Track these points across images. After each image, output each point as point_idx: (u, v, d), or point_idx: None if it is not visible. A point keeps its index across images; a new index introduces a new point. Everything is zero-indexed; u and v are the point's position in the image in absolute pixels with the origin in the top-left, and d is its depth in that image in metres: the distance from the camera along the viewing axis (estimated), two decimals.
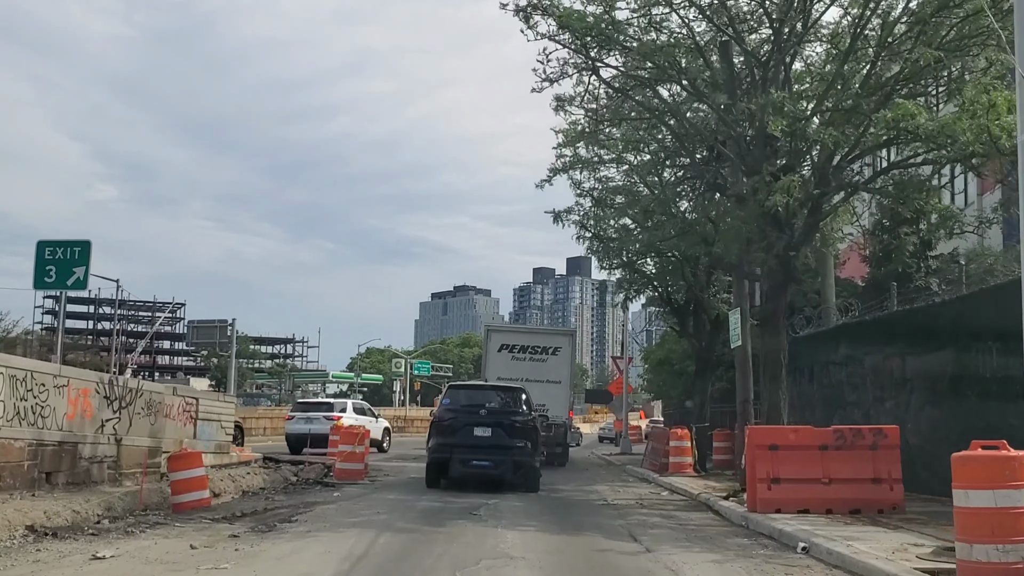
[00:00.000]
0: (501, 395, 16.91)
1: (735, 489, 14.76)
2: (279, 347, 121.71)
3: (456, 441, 15.60)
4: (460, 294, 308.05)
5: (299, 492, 15.67)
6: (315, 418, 29.60)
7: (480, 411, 15.92)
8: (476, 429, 15.61)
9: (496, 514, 12.50)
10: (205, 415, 17.51)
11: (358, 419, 30.55)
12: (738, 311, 16.14)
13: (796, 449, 12.39)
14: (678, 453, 20.40)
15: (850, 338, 17.99)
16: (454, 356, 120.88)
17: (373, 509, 12.69)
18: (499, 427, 15.66)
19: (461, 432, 15.67)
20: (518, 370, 24.91)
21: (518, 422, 15.93)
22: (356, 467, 17.83)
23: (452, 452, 15.57)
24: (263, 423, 41.39)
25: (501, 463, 15.46)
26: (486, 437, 15.52)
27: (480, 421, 15.71)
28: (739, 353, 16.43)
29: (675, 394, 29.68)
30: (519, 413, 16.20)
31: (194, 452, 13.42)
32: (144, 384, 15.44)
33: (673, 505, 14.87)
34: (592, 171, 20.88)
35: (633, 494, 16.94)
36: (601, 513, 13.42)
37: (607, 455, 33.47)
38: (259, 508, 12.72)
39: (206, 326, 51.54)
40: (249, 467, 18.80)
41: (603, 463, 30.02)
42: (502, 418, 15.88)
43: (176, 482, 13.08)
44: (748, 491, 12.60)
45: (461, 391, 18.01)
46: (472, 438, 15.54)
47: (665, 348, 30.17)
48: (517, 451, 15.56)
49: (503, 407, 16.31)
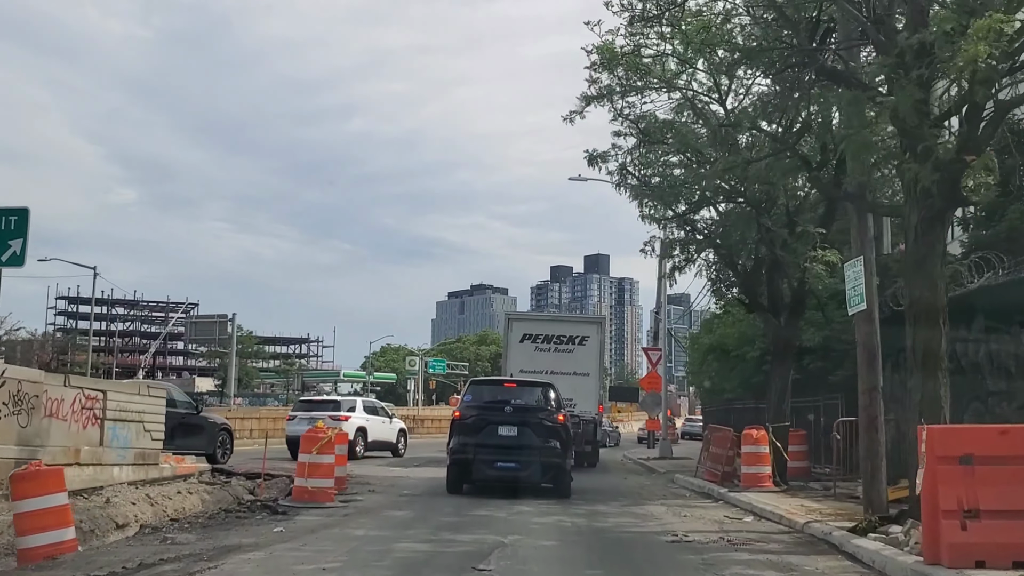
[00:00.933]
0: (528, 391, 15.58)
1: (870, 522, 9.92)
2: (294, 347, 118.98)
3: (479, 441, 14.47)
4: (477, 293, 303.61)
5: (232, 523, 10.97)
6: (319, 418, 24.88)
7: (505, 408, 14.77)
8: (501, 428, 14.52)
9: (516, 568, 7.79)
10: (118, 414, 12.87)
11: (369, 419, 26.43)
12: (860, 261, 11.23)
13: (1009, 463, 7.58)
14: (754, 461, 15.55)
15: None
16: (470, 354, 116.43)
17: (319, 561, 7.96)
18: (526, 426, 14.51)
19: (484, 431, 14.55)
20: (542, 362, 23.29)
21: (547, 420, 14.73)
22: (322, 484, 13.19)
23: (475, 453, 14.44)
24: (265, 424, 36.74)
25: (528, 465, 14.31)
26: (512, 437, 14.40)
27: (505, 419, 14.58)
28: (862, 321, 11.52)
29: (731, 387, 24.41)
30: (548, 410, 14.97)
31: (49, 470, 8.73)
32: (8, 369, 10.73)
33: (777, 543, 10.04)
34: (637, 95, 16.00)
35: (707, 521, 12.13)
36: (679, 564, 8.60)
37: (643, 459, 28.56)
38: (143, 560, 8.02)
39: (205, 322, 47.63)
40: (187, 483, 14.17)
41: (641, 468, 25.39)
42: (529, 416, 14.68)
43: (21, 516, 8.46)
44: (925, 530, 7.78)
45: (484, 387, 16.90)
46: (496, 438, 14.43)
47: (716, 333, 25.12)
48: (546, 452, 14.40)
49: (530, 404, 15.07)
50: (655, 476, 21.42)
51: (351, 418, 25.40)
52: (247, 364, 75.45)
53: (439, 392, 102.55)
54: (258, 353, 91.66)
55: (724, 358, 23.72)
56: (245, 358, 76.46)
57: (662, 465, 24.81)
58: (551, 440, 14.49)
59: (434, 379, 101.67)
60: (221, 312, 48.65)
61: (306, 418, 25.27)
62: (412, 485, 16.83)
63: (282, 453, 25.98)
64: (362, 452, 25.64)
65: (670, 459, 27.84)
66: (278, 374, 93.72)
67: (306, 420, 25.15)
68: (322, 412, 25.33)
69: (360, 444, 25.60)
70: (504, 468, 14.30)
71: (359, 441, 25.54)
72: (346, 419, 25.15)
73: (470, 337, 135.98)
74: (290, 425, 25.59)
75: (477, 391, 16.01)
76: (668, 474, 21.09)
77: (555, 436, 14.54)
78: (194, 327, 47.96)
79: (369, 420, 26.26)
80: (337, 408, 25.63)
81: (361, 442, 25.66)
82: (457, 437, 14.86)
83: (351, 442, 25.17)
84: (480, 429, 14.58)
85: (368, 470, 20.27)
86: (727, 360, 23.52)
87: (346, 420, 25.17)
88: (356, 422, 25.52)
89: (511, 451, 14.29)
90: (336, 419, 25.05)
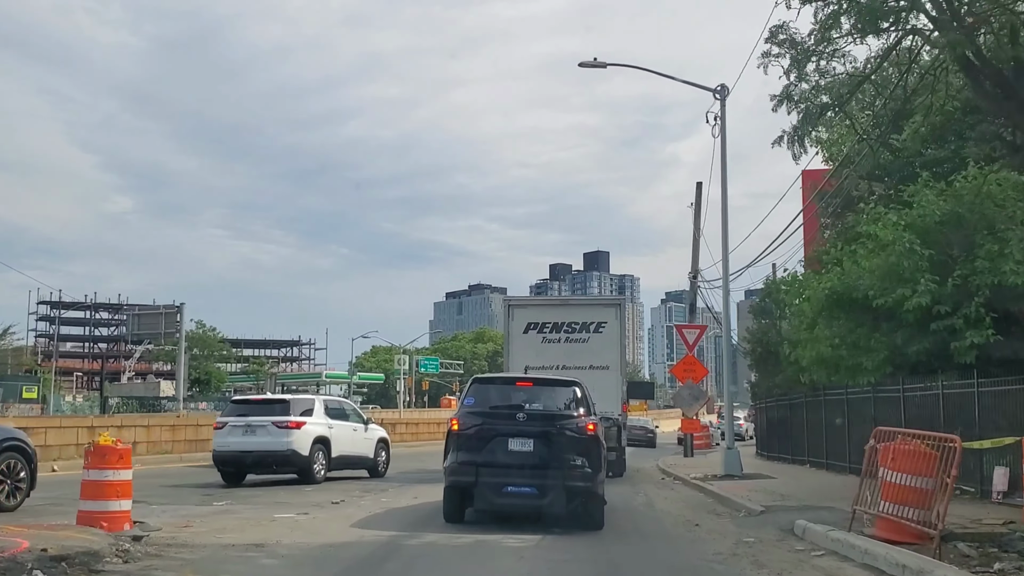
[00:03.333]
0: (549, 392, 12.27)
1: None
2: (285, 350, 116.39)
3: (484, 459, 11.26)
4: (476, 293, 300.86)
5: None
6: (260, 425, 18.00)
7: (518, 415, 11.49)
8: (512, 441, 11.28)
9: None
10: None
11: (333, 425, 19.09)
12: None
13: None
14: None
15: None
16: (466, 352, 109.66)
17: None
18: (545, 438, 11.28)
19: (491, 445, 11.35)
20: (551, 355, 20.35)
21: (573, 431, 11.40)
22: None
23: (479, 474, 11.21)
24: (161, 435, 29.35)
25: (548, 489, 11.08)
26: (527, 452, 11.22)
27: (518, 429, 11.32)
28: None
29: (872, 363, 13.97)
30: (574, 417, 11.60)
31: None
32: None
33: None
34: None
35: None
36: None
37: (698, 478, 19.03)
38: None
39: (149, 313, 40.55)
40: None
41: (699, 494, 16.87)
42: (550, 425, 11.44)
43: None
44: None
45: (491, 387, 12.94)
46: (507, 454, 11.24)
47: (848, 273, 14.30)
48: (572, 472, 11.12)
49: (551, 409, 11.79)
50: (744, 521, 12.67)
51: (305, 424, 18.21)
52: (212, 365, 68.78)
53: (432, 393, 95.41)
54: (233, 356, 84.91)
55: (859, 313, 14.03)
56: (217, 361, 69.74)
57: (738, 491, 15.64)
58: (578, 457, 11.37)
59: (427, 380, 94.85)
60: (215, 318, 42.57)
61: (240, 425, 18.26)
62: None
63: (205, 476, 19.20)
64: (322, 473, 18.50)
65: (740, 477, 18.97)
66: (248, 376, 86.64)
67: (240, 428, 18.20)
68: (264, 417, 18.24)
69: (319, 462, 18.43)
70: (517, 494, 11.34)
71: (317, 457, 18.37)
72: (297, 426, 18.05)
73: (466, 335, 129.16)
74: (219, 436, 18.41)
75: (481, 393, 12.42)
76: (769, 516, 12.60)
77: (584, 451, 11.42)
78: (137, 320, 40.78)
79: (333, 427, 19.01)
80: (286, 410, 18.32)
81: (321, 458, 18.47)
82: (456, 453, 11.63)
83: (305, 460, 18.12)
84: (486, 443, 11.52)
85: (259, 512, 12.98)
86: (865, 316, 13.98)
87: (298, 428, 18.07)
88: (313, 430, 18.33)
89: (526, 471, 11.26)
90: (283, 426, 18.01)
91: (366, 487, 17.59)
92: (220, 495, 15.36)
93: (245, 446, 17.87)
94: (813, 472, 21.20)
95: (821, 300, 14.68)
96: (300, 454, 17.91)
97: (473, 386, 12.54)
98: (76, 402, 51.90)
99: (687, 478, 19.80)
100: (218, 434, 18.49)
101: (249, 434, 18.01)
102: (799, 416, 24.28)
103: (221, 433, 18.36)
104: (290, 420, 18.03)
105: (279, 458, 17.88)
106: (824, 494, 14.89)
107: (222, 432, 18.34)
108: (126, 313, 44.75)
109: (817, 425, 21.86)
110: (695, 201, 31.97)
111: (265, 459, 17.93)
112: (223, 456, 18.24)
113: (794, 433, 24.81)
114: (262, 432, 17.92)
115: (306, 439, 18.08)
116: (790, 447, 25.39)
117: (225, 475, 18.43)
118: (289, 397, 19.37)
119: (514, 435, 11.36)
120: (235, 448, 17.96)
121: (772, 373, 28.01)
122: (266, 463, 18.05)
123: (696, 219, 32.13)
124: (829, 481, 18.04)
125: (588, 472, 11.27)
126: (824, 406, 21.14)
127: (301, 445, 17.95)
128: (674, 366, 35.52)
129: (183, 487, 17.10)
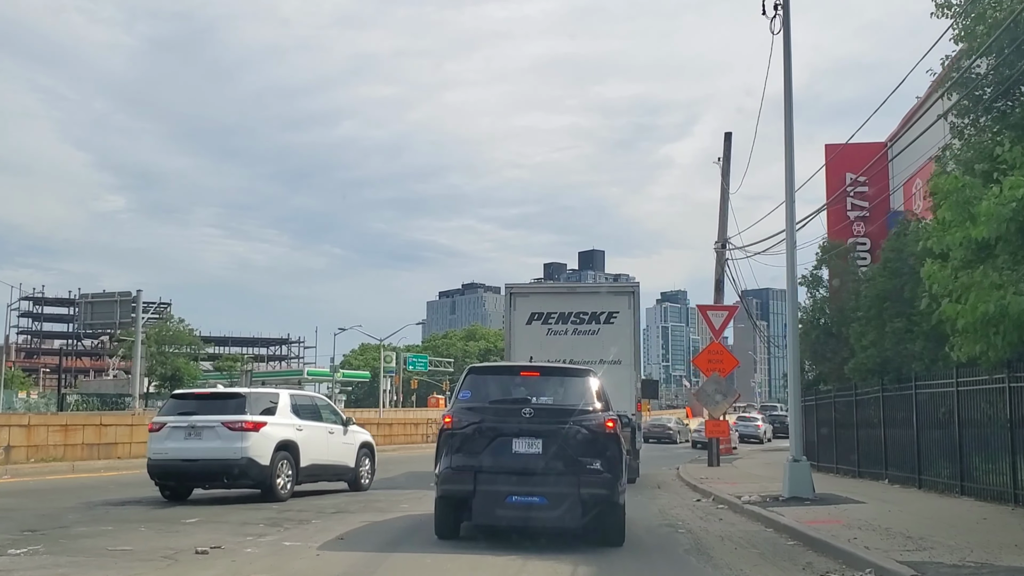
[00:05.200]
0: (558, 383, 10.55)
1: None
2: (274, 348, 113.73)
3: (483, 463, 9.64)
4: (469, 292, 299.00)
5: None
6: (207, 427, 13.96)
7: (523, 410, 9.85)
8: (517, 442, 9.67)
9: None
10: None
11: (303, 427, 15.07)
12: None
13: None
14: None
15: None
16: (457, 350, 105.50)
17: None
18: (556, 437, 9.66)
19: (492, 447, 9.71)
20: (558, 348, 18.74)
21: (588, 428, 9.80)
22: None
23: (477, 481, 9.53)
24: (40, 437, 24.81)
25: (561, 499, 9.47)
26: (534, 455, 9.59)
27: (524, 428, 9.72)
28: None
29: None
30: (589, 412, 9.96)
31: None
32: None
33: None
34: None
35: None
36: None
37: (753, 503, 14.17)
38: None
39: (103, 301, 36.34)
40: None
41: (762, 521, 12.50)
42: (561, 421, 9.81)
43: None
44: None
45: (490, 378, 11.14)
46: (510, 457, 9.62)
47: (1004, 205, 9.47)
48: (589, 478, 9.54)
49: (562, 403, 10.12)
50: None
51: (265, 426, 14.20)
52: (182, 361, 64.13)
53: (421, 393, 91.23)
54: (206, 354, 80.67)
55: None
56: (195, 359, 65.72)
57: (832, 528, 10.94)
58: (596, 459, 9.70)
59: (416, 378, 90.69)
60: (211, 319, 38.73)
61: (182, 427, 14.21)
62: None
63: (137, 491, 15.06)
64: (288, 488, 14.51)
65: (814, 502, 14.11)
66: (221, 373, 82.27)
67: (182, 431, 14.15)
68: (211, 416, 14.17)
69: (284, 474, 14.40)
70: (523, 504, 9.55)
71: (281, 468, 14.34)
72: (255, 427, 14.00)
73: (458, 332, 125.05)
74: (155, 440, 14.38)
75: (479, 385, 10.72)
76: None
77: (602, 453, 9.74)
78: (89, 309, 36.66)
79: (303, 429, 15.02)
80: (240, 407, 14.21)
81: (288, 468, 14.49)
82: (449, 456, 9.88)
83: (265, 470, 14.07)
84: (485, 444, 9.81)
85: None
86: None
87: (255, 430, 13.99)
88: (275, 433, 14.35)
89: (534, 478, 9.52)
90: (236, 428, 13.93)
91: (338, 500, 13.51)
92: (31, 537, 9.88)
93: (188, 453, 13.96)
94: (906, 493, 15.97)
95: (1002, 220, 9.51)
96: (258, 463, 13.95)
97: (469, 377, 10.73)
98: (30, 399, 48.04)
99: (735, 500, 14.87)
100: (154, 438, 14.46)
101: (193, 438, 14.02)
102: (871, 415, 18.94)
103: (158, 437, 14.34)
104: (245, 420, 14.01)
105: (231, 469, 13.92)
106: (975, 535, 10.34)
107: (159, 435, 14.34)
108: (78, 302, 40.33)
109: (902, 427, 17.28)
110: (723, 155, 27.62)
111: (213, 470, 14.01)
112: (160, 466, 14.26)
113: (866, 438, 19.74)
114: (209, 435, 13.97)
115: (266, 444, 14.11)
116: (857, 456, 20.02)
117: (165, 488, 14.46)
118: (245, 391, 15.16)
119: (519, 434, 9.77)
120: (175, 456, 14.04)
121: (831, 360, 23.47)
122: (214, 475, 14.13)
123: (724, 176, 27.69)
124: (950, 509, 13.23)
125: (608, 478, 9.66)
126: (915, 402, 16.41)
127: (259, 452, 13.98)
128: (697, 355, 30.71)
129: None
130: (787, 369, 16.75)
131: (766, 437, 46.39)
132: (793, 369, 16.01)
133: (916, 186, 26.91)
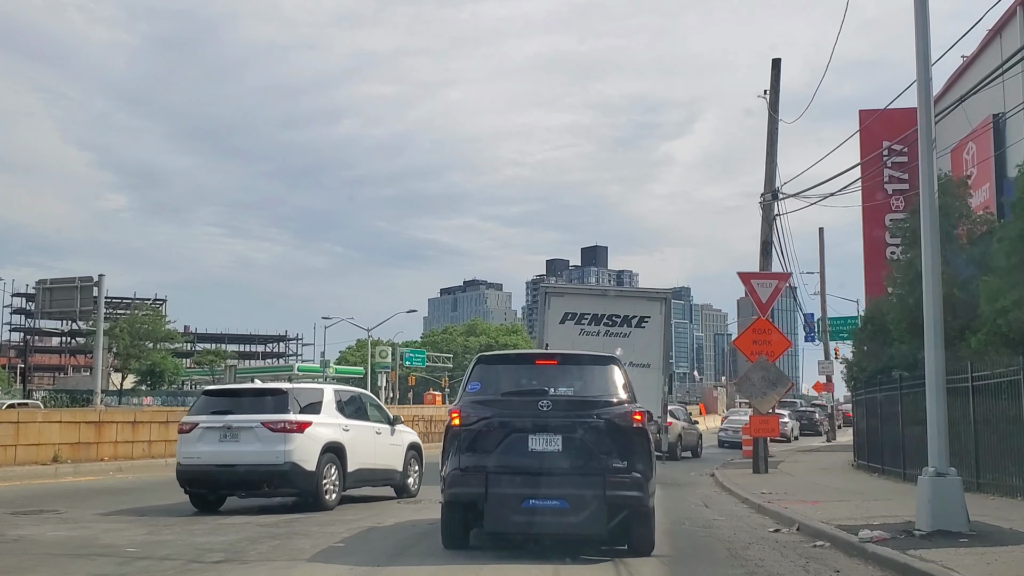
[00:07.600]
0: (578, 372, 9.59)
1: None
2: (271, 345, 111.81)
3: (496, 463, 8.73)
4: (471, 289, 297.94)
5: None
6: (243, 427, 12.37)
7: (540, 403, 8.91)
8: (534, 438, 8.77)
9: None
10: None
11: (350, 426, 13.51)
12: None
13: None
14: None
15: None
16: (457, 346, 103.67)
17: None
18: (575, 433, 8.77)
19: (505, 444, 8.80)
20: (589, 348, 16.78)
21: (613, 422, 8.86)
22: None
23: (488, 484, 8.65)
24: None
25: (584, 502, 8.59)
26: (553, 453, 8.72)
27: (541, 422, 8.81)
28: None
29: None
30: (614, 404, 9.06)
31: None
32: None
33: None
34: None
35: None
36: None
37: (875, 538, 9.06)
38: None
39: (62, 287, 34.28)
40: None
41: None
42: (583, 415, 8.93)
43: None
44: None
45: (501, 368, 10.04)
46: (526, 455, 8.73)
47: None
48: (615, 478, 8.64)
49: (584, 395, 9.25)
50: None
51: (310, 426, 12.64)
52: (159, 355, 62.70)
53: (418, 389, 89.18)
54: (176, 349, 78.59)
55: None
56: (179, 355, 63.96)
57: None
58: (623, 457, 8.71)
59: (414, 374, 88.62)
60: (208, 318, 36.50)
61: (217, 427, 12.62)
62: None
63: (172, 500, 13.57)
64: (335, 494, 13.00)
65: (970, 538, 9.03)
66: (202, 368, 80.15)
67: (217, 431, 12.55)
68: (249, 416, 12.58)
69: (329, 478, 12.85)
70: (542, 509, 8.60)
71: (328, 472, 12.80)
72: (299, 428, 12.42)
73: (458, 327, 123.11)
74: (185, 443, 12.81)
75: (489, 375, 9.61)
76: None
77: (630, 450, 8.74)
78: (48, 296, 34.71)
79: (350, 429, 13.43)
80: (282, 405, 12.63)
81: (335, 472, 12.97)
82: (457, 456, 8.90)
83: (311, 476, 12.54)
84: (498, 441, 8.85)
85: None
86: None
87: (300, 431, 12.41)
88: (322, 434, 12.81)
89: (553, 479, 8.62)
90: (278, 428, 12.36)
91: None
92: None
93: (223, 458, 12.44)
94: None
95: None
96: (303, 469, 12.39)
97: (478, 367, 9.71)
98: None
99: (842, 535, 9.88)
100: (184, 440, 12.85)
101: (229, 440, 12.48)
102: (1005, 406, 13.47)
103: (189, 439, 12.75)
104: (288, 420, 12.43)
105: (273, 475, 12.36)
106: None
107: (190, 437, 12.74)
108: (36, 288, 38.33)
109: (998, 423, 13.57)
110: (770, 87, 23.85)
111: (252, 477, 12.47)
112: (191, 472, 12.71)
113: (996, 436, 14.12)
114: (247, 437, 12.43)
115: (312, 447, 12.55)
116: (976, 461, 14.45)
117: (196, 499, 12.93)
118: (287, 387, 13.47)
119: (536, 430, 8.90)
120: (209, 461, 12.50)
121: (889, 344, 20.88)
122: (254, 482, 12.59)
123: (772, 109, 23.10)
124: None
125: (636, 478, 8.78)
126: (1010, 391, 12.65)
127: (305, 456, 12.43)
128: (738, 336, 25.52)
129: None
130: (925, 324, 10.46)
131: (793, 435, 43.72)
132: (934, 312, 10.23)
133: (968, 151, 24.79)
